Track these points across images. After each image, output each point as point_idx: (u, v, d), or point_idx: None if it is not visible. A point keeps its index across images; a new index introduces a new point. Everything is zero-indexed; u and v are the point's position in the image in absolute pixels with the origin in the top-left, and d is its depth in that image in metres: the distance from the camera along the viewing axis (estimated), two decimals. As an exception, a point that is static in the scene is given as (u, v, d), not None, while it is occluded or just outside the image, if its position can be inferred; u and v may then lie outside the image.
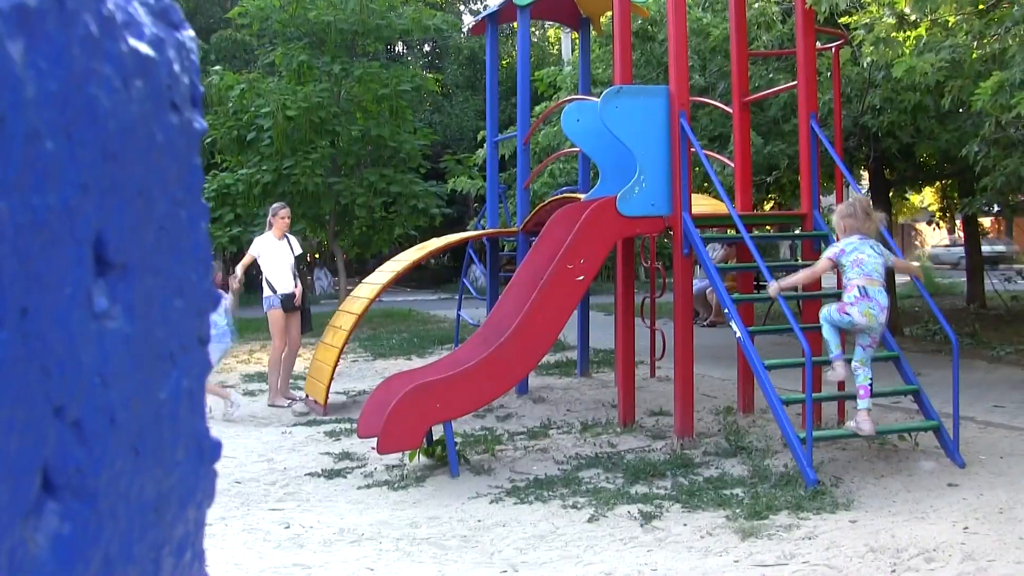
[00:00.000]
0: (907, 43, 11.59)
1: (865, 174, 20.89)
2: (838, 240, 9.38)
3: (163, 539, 0.85)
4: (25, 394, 0.68)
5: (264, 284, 13.66)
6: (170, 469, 0.87)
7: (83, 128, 0.73)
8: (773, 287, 9.35)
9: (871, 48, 11.11)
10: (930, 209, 33.66)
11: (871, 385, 9.03)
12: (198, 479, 0.93)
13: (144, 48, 0.82)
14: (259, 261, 13.64)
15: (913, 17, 10.96)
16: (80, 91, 0.73)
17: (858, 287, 8.92)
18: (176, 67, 0.89)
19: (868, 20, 11.22)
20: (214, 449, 0.97)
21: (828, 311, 9.14)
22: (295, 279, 13.78)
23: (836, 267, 9.26)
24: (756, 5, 15.05)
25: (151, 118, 0.83)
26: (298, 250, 14.06)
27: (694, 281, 17.75)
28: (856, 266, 8.97)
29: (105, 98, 0.76)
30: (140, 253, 0.82)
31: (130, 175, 0.80)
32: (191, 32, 0.94)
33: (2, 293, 0.65)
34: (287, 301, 13.65)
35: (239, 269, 13.83)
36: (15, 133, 0.67)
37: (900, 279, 20.21)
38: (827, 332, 9.15)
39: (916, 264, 10.48)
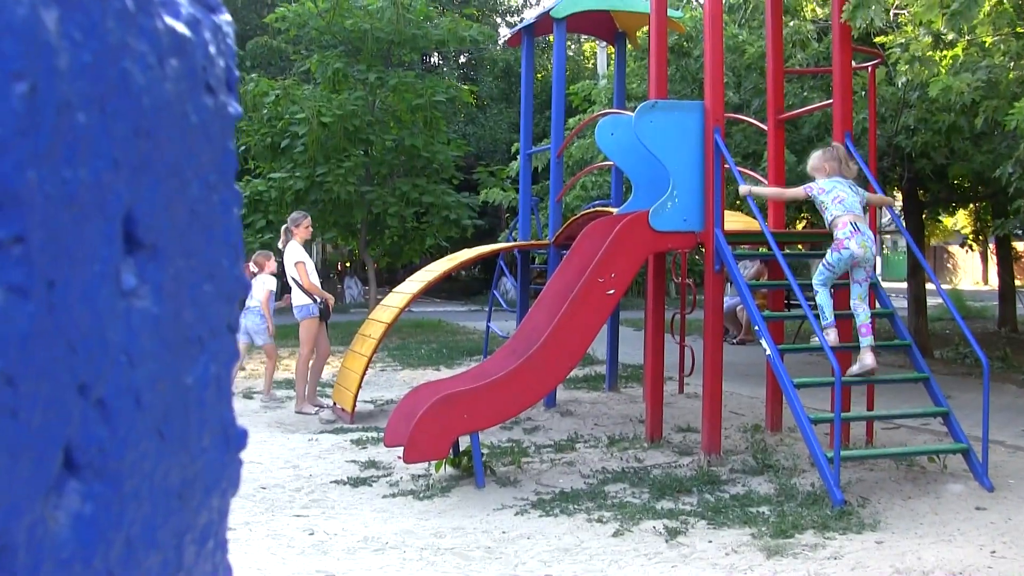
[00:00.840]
0: (943, 63, 11.54)
1: (899, 195, 20.82)
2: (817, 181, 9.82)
3: (187, 526, 0.84)
4: (50, 368, 0.67)
5: (300, 292, 13.64)
6: (196, 455, 0.86)
7: (116, 102, 0.72)
8: (744, 188, 10.09)
9: (906, 67, 11.07)
10: (963, 232, 33.52)
11: (872, 322, 9.62)
12: (223, 467, 0.92)
13: (180, 27, 0.82)
14: (297, 268, 13.62)
15: (950, 37, 10.92)
16: (114, 65, 0.72)
17: (849, 223, 9.38)
18: (212, 49, 0.88)
19: (904, 40, 11.18)
20: (240, 438, 0.96)
21: (821, 268, 9.62)
22: None
23: (809, 200, 9.90)
24: (792, 23, 15.01)
25: (186, 98, 0.82)
26: None
27: (724, 298, 17.73)
28: (839, 202, 9.46)
29: (139, 74, 0.75)
30: (171, 234, 0.81)
31: (163, 154, 0.79)
32: (228, 17, 0.94)
33: (29, 264, 0.65)
34: (325, 310, 13.73)
35: (315, 283, 13.76)
36: (47, 102, 0.66)
37: (932, 301, 20.14)
38: (822, 298, 9.56)
39: (886, 197, 10.58)
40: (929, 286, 19.14)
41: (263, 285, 14.73)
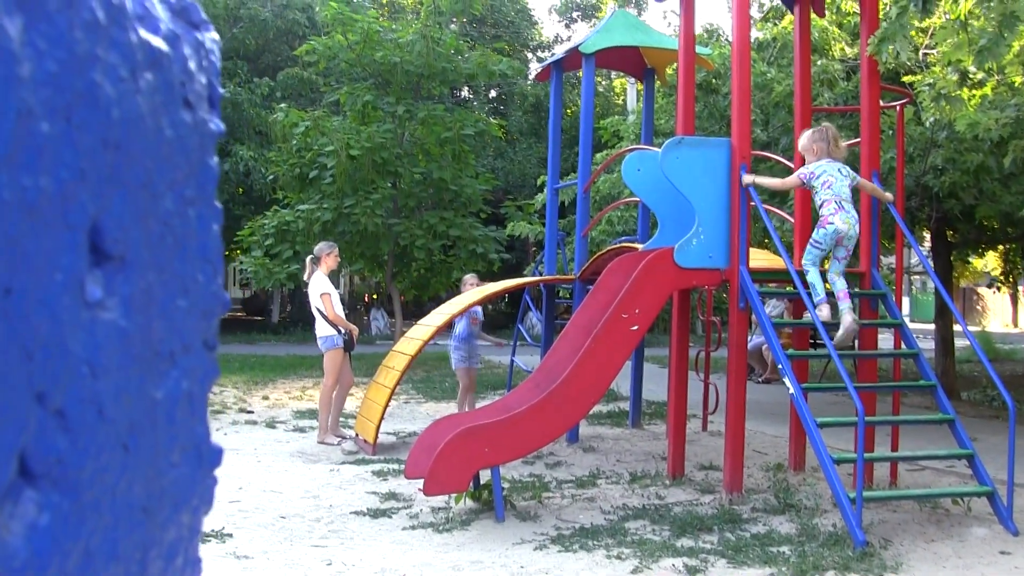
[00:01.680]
0: (972, 102, 11.51)
1: (927, 235, 20.75)
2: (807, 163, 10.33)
3: (152, 540, 0.84)
4: (3, 374, 0.66)
5: (324, 323, 13.69)
6: (164, 470, 0.85)
7: (83, 113, 0.72)
8: (747, 177, 10.22)
9: (932, 104, 11.05)
10: (992, 273, 33.39)
11: (848, 290, 10.15)
12: (194, 484, 0.91)
13: (156, 42, 0.82)
14: (323, 300, 13.68)
15: (979, 76, 10.89)
16: (82, 76, 0.72)
17: (834, 202, 9.93)
18: (192, 64, 0.88)
19: (932, 79, 11.16)
20: (214, 455, 0.95)
21: (810, 248, 10.19)
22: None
23: (804, 185, 10.30)
24: (820, 62, 15.00)
25: (160, 112, 0.82)
26: None
27: (751, 337, 17.64)
28: (827, 187, 9.98)
29: (109, 86, 0.75)
30: (142, 247, 0.80)
31: (134, 167, 0.79)
32: (214, 34, 0.93)
33: (-17, 269, 0.64)
34: (350, 342, 13.77)
35: (339, 314, 13.84)
36: (7, 109, 0.66)
37: (960, 342, 20.03)
38: (813, 276, 10.01)
39: (886, 193, 10.73)
40: (958, 327, 19.07)
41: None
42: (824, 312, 9.82)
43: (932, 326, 21.60)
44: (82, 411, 0.73)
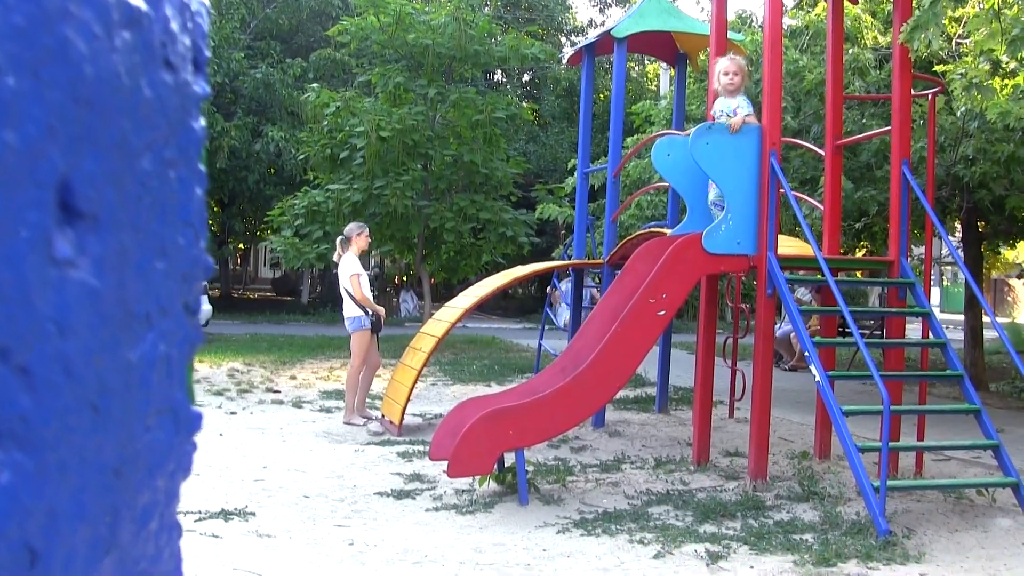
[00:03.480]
0: (1003, 91, 11.43)
1: (958, 225, 20.63)
2: None
3: (123, 503, 0.83)
4: (-39, 330, 0.66)
5: (352, 304, 13.71)
6: (137, 433, 0.85)
7: (53, 69, 0.71)
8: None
9: (963, 94, 10.97)
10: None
11: None
12: (171, 449, 0.91)
13: (135, 0, 0.81)
14: (351, 281, 13.71)
15: (1011, 66, 10.81)
16: (51, 32, 0.71)
17: None
18: (174, 25, 0.87)
19: (964, 69, 11.09)
20: (192, 421, 0.94)
21: None
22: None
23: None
24: (852, 51, 14.92)
25: (138, 72, 0.81)
26: None
27: (779, 324, 17.57)
28: None
29: (82, 43, 0.74)
30: (116, 207, 0.79)
31: (108, 126, 0.78)
32: (203, -3, 0.93)
33: (-58, 223, 0.64)
34: (377, 323, 13.81)
35: (367, 295, 13.88)
36: (-33, 62, 0.65)
37: (990, 334, 19.92)
38: None
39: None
40: (988, 318, 18.97)
41: None
42: None
43: (963, 317, 21.50)
44: (48, 369, 0.72)
